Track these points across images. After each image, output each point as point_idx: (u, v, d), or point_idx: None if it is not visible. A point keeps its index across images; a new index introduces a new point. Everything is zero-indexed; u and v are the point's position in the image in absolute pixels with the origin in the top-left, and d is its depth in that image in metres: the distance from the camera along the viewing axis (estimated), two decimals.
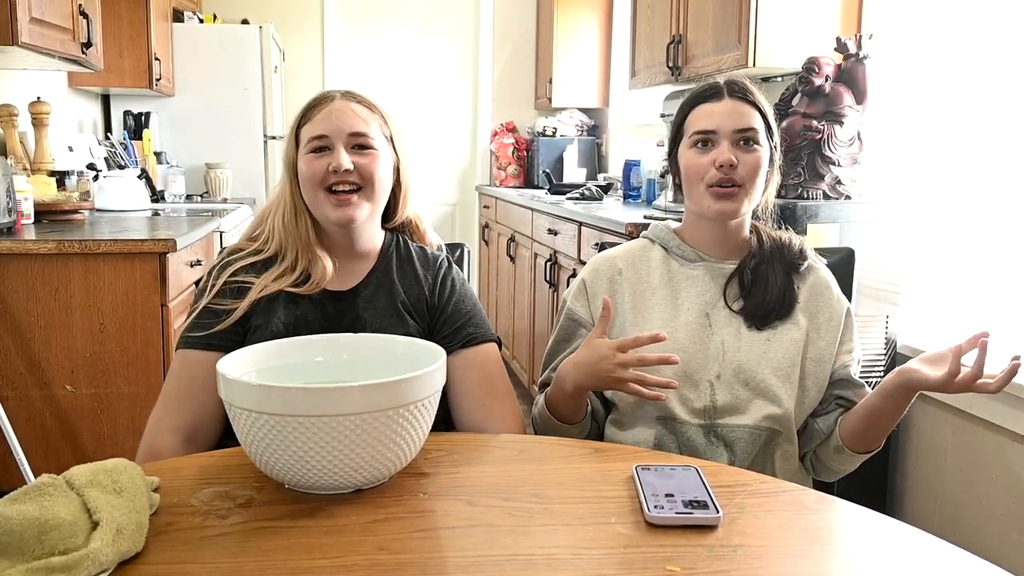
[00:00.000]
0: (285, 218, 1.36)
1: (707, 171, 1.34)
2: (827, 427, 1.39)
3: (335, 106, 1.33)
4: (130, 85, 3.81)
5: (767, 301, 1.36)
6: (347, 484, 0.95)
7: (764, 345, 1.35)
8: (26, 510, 0.77)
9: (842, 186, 2.28)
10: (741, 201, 1.34)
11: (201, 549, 0.84)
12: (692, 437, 1.33)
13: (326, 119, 1.32)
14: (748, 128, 1.34)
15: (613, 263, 1.45)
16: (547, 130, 4.97)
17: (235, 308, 1.31)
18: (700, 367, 1.34)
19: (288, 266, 1.35)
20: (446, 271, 1.43)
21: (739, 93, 1.36)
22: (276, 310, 1.32)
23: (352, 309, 1.36)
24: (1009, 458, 1.95)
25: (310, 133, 1.32)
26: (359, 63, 5.23)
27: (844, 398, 1.40)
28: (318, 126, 1.32)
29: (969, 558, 0.86)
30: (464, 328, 1.37)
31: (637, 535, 0.88)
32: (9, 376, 2.23)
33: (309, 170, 1.31)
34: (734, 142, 1.33)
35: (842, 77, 2.30)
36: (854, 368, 1.41)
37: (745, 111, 1.35)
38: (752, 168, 1.33)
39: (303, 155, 1.33)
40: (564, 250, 3.35)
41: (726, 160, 1.31)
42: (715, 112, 1.35)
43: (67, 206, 2.73)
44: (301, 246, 1.35)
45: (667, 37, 3.17)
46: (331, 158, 1.30)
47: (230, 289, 1.33)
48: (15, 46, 2.30)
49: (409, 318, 1.37)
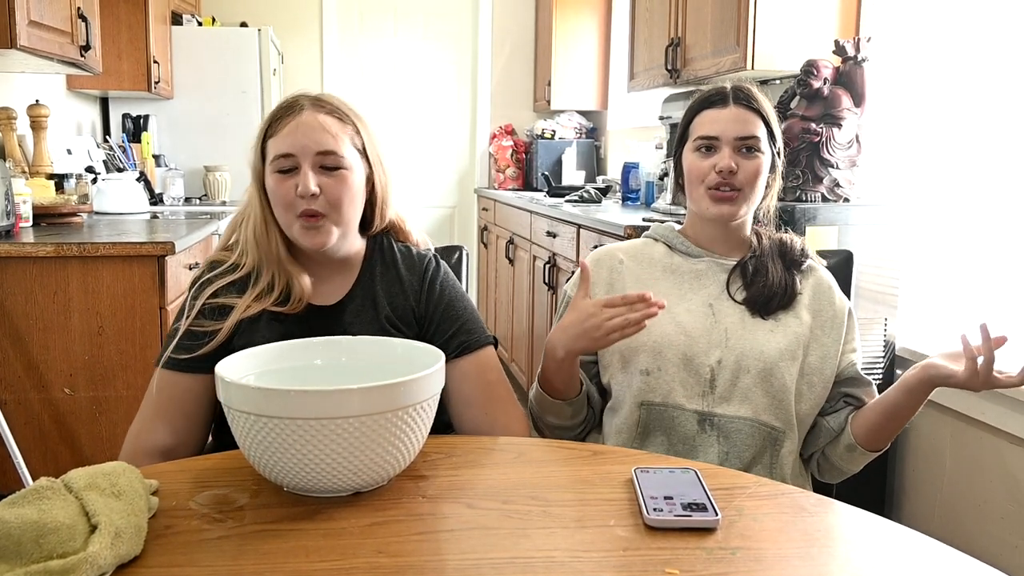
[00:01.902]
0: (256, 232, 1.29)
1: (708, 174, 1.37)
2: (837, 425, 1.40)
3: (303, 119, 1.24)
4: (129, 88, 3.81)
5: (769, 288, 1.38)
6: (346, 487, 0.95)
7: (767, 335, 1.36)
8: (24, 513, 0.77)
9: (840, 188, 2.28)
10: (739, 205, 1.37)
11: (200, 552, 0.84)
12: (683, 423, 1.33)
13: (292, 135, 1.23)
14: (750, 136, 1.36)
15: (614, 254, 1.47)
16: (546, 133, 4.97)
17: (217, 330, 1.26)
18: (702, 351, 1.35)
19: (266, 285, 1.28)
20: (432, 273, 1.37)
21: (743, 100, 1.38)
22: (259, 330, 1.28)
23: (339, 324, 1.31)
24: (1008, 460, 1.95)
25: (276, 149, 1.24)
26: (358, 66, 5.23)
27: (853, 396, 1.41)
28: (284, 142, 1.23)
29: (968, 560, 0.86)
30: (457, 335, 1.33)
31: (636, 538, 0.88)
32: (7, 379, 2.23)
33: (279, 191, 1.24)
34: (735, 149, 1.36)
35: (840, 80, 2.30)
36: (859, 365, 1.42)
37: (748, 118, 1.37)
38: (752, 174, 1.36)
39: (270, 172, 1.25)
40: (563, 252, 3.35)
41: (726, 166, 1.34)
42: (719, 118, 1.37)
43: (65, 209, 2.73)
44: (275, 264, 1.28)
45: (666, 39, 3.17)
46: (298, 178, 1.22)
47: (210, 309, 1.28)
48: (14, 49, 2.30)
49: (395, 331, 1.32)
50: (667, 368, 1.34)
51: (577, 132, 4.99)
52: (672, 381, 1.34)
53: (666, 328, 1.36)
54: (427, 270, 1.37)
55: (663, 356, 1.35)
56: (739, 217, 1.39)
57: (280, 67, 4.81)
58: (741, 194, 1.36)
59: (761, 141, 1.37)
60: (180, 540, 0.86)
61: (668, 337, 1.35)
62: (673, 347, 1.35)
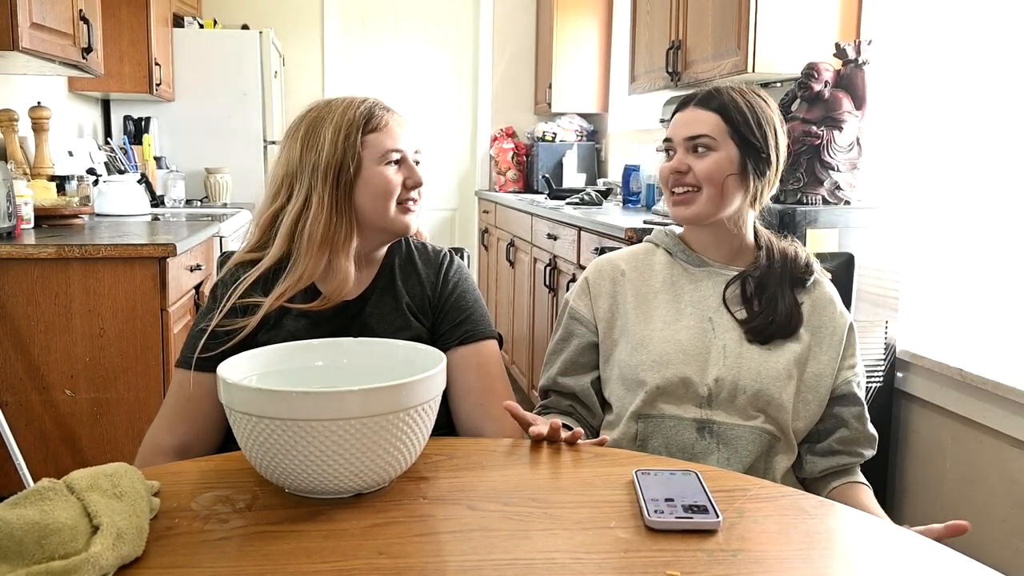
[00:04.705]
0: (318, 224, 1.29)
1: (668, 177, 1.40)
2: (814, 472, 1.40)
3: (397, 118, 1.35)
4: (130, 90, 3.82)
5: (774, 323, 1.36)
6: (347, 488, 0.95)
7: (765, 354, 1.35)
8: (26, 514, 0.77)
9: (841, 191, 2.28)
10: (699, 205, 1.37)
11: (201, 553, 0.84)
12: (682, 431, 1.33)
13: (398, 131, 1.33)
14: (698, 135, 1.37)
15: (616, 264, 1.46)
16: (547, 135, 4.98)
17: (243, 327, 1.28)
18: (701, 369, 1.35)
19: (297, 277, 1.30)
20: (448, 265, 1.42)
21: (703, 101, 1.38)
22: (285, 325, 1.31)
23: (360, 317, 1.35)
24: (1008, 463, 1.95)
25: (385, 144, 1.31)
26: (359, 68, 5.24)
27: (836, 416, 1.40)
28: (392, 139, 1.32)
29: (968, 563, 0.86)
30: (462, 325, 1.37)
31: (637, 539, 0.88)
32: (9, 381, 2.23)
33: (392, 182, 1.31)
34: (688, 149, 1.38)
35: (841, 83, 2.31)
36: (857, 384, 1.41)
37: (700, 118, 1.37)
38: (704, 173, 1.36)
39: (378, 165, 1.31)
40: (563, 255, 3.35)
41: (672, 167, 1.38)
42: (676, 122, 1.41)
43: (67, 211, 2.73)
44: (324, 252, 1.30)
45: (666, 42, 3.17)
46: (407, 171, 1.33)
47: (232, 309, 1.30)
48: (16, 51, 2.30)
49: (414, 320, 1.36)
50: (665, 387, 1.34)
51: (578, 135, 5.00)
52: (670, 397, 1.35)
53: (665, 347, 1.36)
54: (443, 263, 1.43)
55: (662, 375, 1.34)
56: (702, 218, 1.38)
57: (281, 70, 4.81)
58: (700, 194, 1.36)
59: (715, 139, 1.35)
60: (181, 541, 0.86)
61: (667, 356, 1.35)
62: (672, 366, 1.34)
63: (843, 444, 1.39)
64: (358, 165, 1.31)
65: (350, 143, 1.30)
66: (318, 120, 1.32)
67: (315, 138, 1.31)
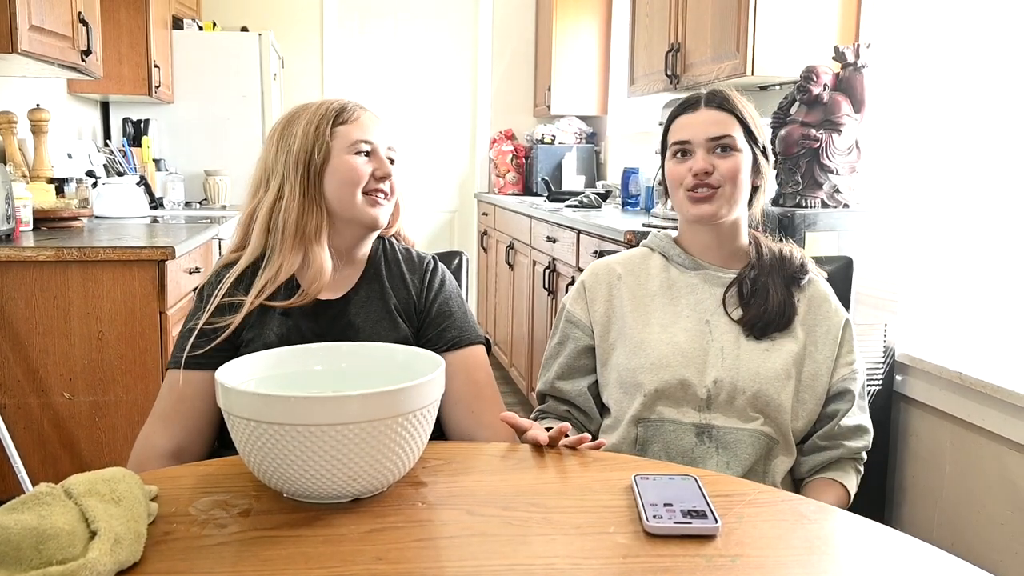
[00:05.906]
0: (291, 213, 1.32)
1: (684, 178, 1.39)
2: (801, 472, 1.41)
3: (370, 115, 1.37)
4: (129, 92, 3.82)
5: (767, 313, 1.37)
6: (346, 493, 0.95)
7: (763, 355, 1.35)
8: (24, 519, 0.77)
9: (840, 194, 2.28)
10: (719, 204, 1.37)
11: (199, 558, 0.83)
12: (681, 436, 1.33)
13: (369, 125, 1.35)
14: (723, 135, 1.37)
15: (612, 268, 1.47)
16: (546, 137, 4.98)
17: (228, 325, 1.30)
18: (699, 372, 1.35)
19: (275, 270, 1.32)
20: (432, 271, 1.43)
21: (716, 102, 1.39)
22: (267, 323, 1.32)
23: (344, 316, 1.36)
24: (1008, 467, 1.94)
25: (355, 135, 1.33)
26: (358, 71, 5.23)
27: (826, 414, 1.40)
28: (362, 130, 1.34)
29: (968, 567, 0.86)
30: (448, 331, 1.37)
31: (636, 544, 0.88)
32: (7, 384, 2.22)
33: (358, 170, 1.32)
34: (709, 149, 1.38)
35: (840, 86, 2.31)
36: (855, 381, 1.41)
37: (721, 119, 1.38)
38: (729, 172, 1.37)
39: (346, 155, 1.32)
40: (562, 257, 3.35)
41: (700, 168, 1.36)
42: (692, 123, 1.40)
43: (66, 213, 2.73)
44: (299, 242, 1.32)
45: (666, 45, 3.17)
46: (376, 163, 1.34)
47: (219, 307, 1.33)
48: (15, 54, 2.30)
49: (401, 321, 1.37)
50: (664, 390, 1.34)
51: (577, 137, 5.00)
52: (669, 400, 1.35)
53: (663, 350, 1.36)
54: (427, 269, 1.44)
55: (660, 378, 1.34)
56: (721, 217, 1.39)
57: (280, 72, 4.81)
58: (720, 192, 1.37)
59: (737, 140, 1.38)
60: (179, 546, 0.86)
61: (665, 359, 1.35)
62: (670, 369, 1.35)
63: (826, 439, 1.40)
64: (326, 154, 1.32)
65: (320, 132, 1.33)
66: (294, 118, 1.36)
67: (289, 134, 1.34)
